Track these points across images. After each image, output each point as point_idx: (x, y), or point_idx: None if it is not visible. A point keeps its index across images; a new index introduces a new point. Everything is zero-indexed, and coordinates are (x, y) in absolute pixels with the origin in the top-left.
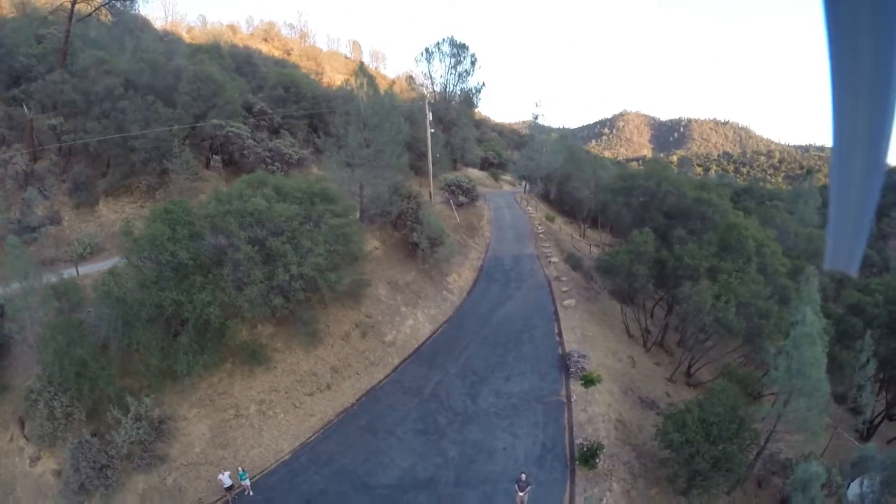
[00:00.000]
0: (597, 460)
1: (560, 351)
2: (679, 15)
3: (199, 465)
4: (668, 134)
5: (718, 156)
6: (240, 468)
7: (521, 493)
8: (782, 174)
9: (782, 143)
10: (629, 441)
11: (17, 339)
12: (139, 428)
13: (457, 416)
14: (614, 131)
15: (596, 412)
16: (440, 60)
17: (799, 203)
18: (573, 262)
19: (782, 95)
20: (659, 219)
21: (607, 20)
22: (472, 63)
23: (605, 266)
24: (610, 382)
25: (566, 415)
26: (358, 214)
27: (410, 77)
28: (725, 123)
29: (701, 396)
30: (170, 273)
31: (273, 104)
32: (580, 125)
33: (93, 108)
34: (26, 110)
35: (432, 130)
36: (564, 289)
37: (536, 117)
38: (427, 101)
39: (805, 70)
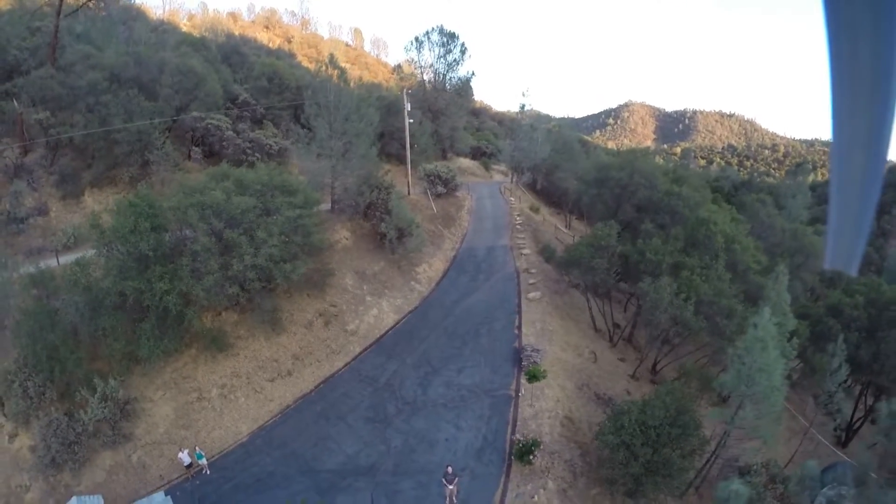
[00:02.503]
0: (531, 457)
1: (517, 344)
2: (685, 5)
3: (162, 445)
4: (673, 125)
5: (723, 148)
6: (196, 448)
7: (449, 486)
8: (786, 168)
9: (788, 136)
10: (575, 438)
11: None
12: (105, 408)
13: (406, 405)
14: (619, 122)
15: (543, 407)
16: (430, 50)
17: (788, 198)
18: (547, 254)
19: (788, 89)
20: (630, 211)
21: (614, 10)
22: (462, 52)
23: (566, 259)
24: (563, 378)
25: (512, 409)
26: (329, 205)
27: (399, 66)
28: (731, 116)
29: (647, 397)
30: (132, 263)
31: (257, 95)
32: (585, 115)
33: (78, 102)
34: (16, 105)
35: (411, 121)
36: (532, 281)
37: (524, 107)
38: (406, 91)
39: (811, 63)
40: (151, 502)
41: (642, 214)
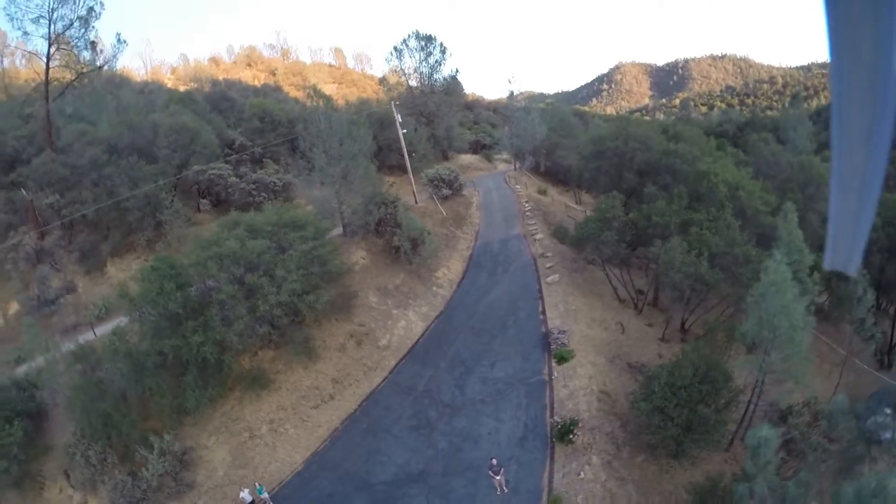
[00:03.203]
0: (571, 436)
1: (543, 329)
2: None
3: (223, 487)
4: (668, 78)
5: (721, 91)
6: (256, 484)
7: (497, 477)
8: (788, 98)
9: (784, 66)
10: (614, 411)
11: (51, 405)
12: (164, 462)
13: (446, 408)
14: (613, 85)
15: (577, 386)
16: (410, 56)
17: (790, 131)
18: (560, 234)
19: (775, 17)
20: (632, 178)
21: None
22: (443, 52)
23: (576, 238)
24: (593, 354)
25: (547, 393)
26: (341, 229)
27: (384, 78)
28: (723, 57)
29: (675, 359)
30: (165, 322)
31: (252, 136)
32: (579, 86)
33: (83, 179)
34: (25, 193)
35: (404, 131)
36: (549, 265)
37: (512, 94)
38: (394, 102)
39: None
40: None
41: (644, 179)
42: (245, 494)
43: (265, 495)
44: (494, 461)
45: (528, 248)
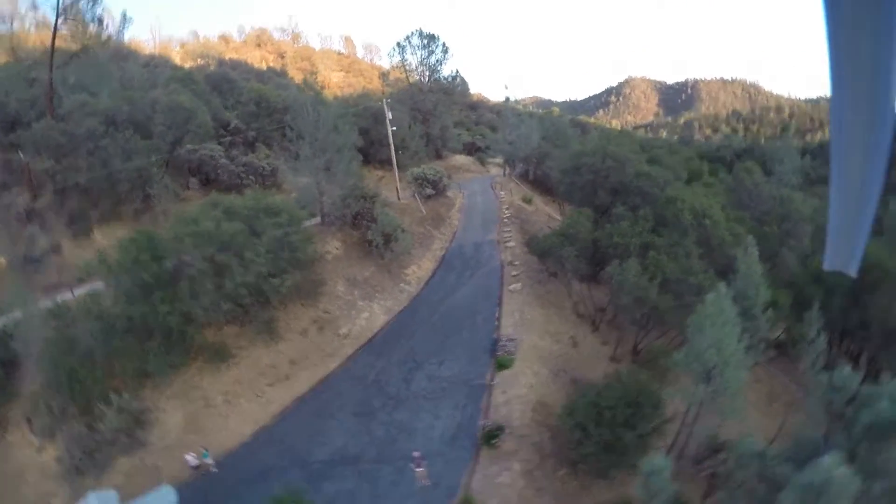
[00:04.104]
0: (495, 441)
1: (495, 335)
2: None
3: (174, 449)
4: (676, 97)
5: (728, 115)
6: (201, 449)
7: (418, 469)
8: (793, 129)
9: (792, 97)
10: (547, 422)
11: (23, 355)
12: (121, 418)
13: (390, 399)
14: (621, 98)
15: (514, 394)
16: (412, 53)
17: (776, 163)
18: (531, 245)
19: (788, 49)
20: (604, 196)
21: None
22: (444, 52)
23: (538, 250)
24: (538, 364)
25: (485, 397)
26: (319, 219)
27: (384, 73)
28: (733, 81)
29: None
30: (137, 290)
31: (247, 119)
32: (587, 95)
33: (79, 148)
34: (21, 156)
35: (394, 128)
36: (514, 273)
37: (508, 99)
38: (386, 100)
39: (809, 21)
40: (158, 492)
41: (616, 198)
42: (190, 458)
43: (209, 460)
44: (416, 454)
45: (499, 255)
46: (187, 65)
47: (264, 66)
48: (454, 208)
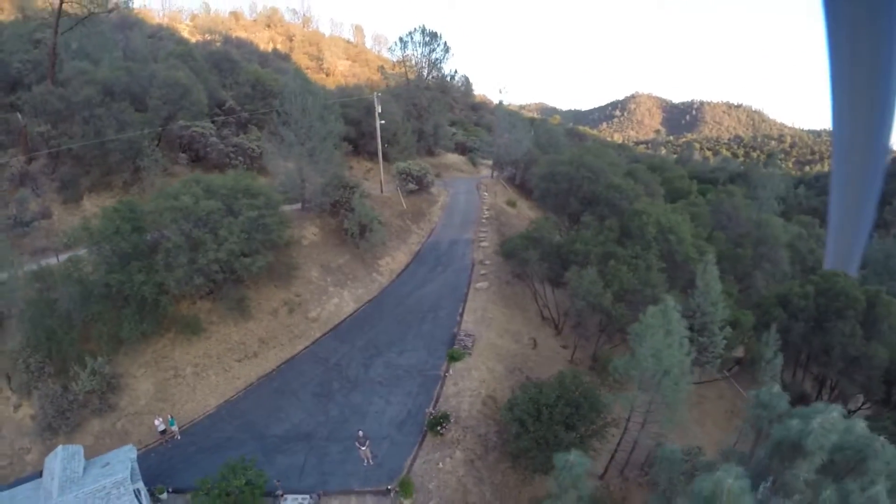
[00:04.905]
0: (440, 429)
1: (455, 330)
2: None
3: (143, 415)
4: (680, 117)
5: (729, 139)
6: (169, 416)
7: (362, 448)
8: (793, 159)
9: (795, 127)
10: (495, 417)
11: (6, 314)
12: (94, 381)
13: (348, 382)
14: (626, 113)
15: (466, 386)
16: (413, 49)
17: (759, 188)
18: (501, 246)
19: (796, 80)
20: (575, 205)
21: (621, 2)
22: (445, 51)
23: (504, 251)
24: (494, 361)
25: (438, 387)
26: (300, 205)
27: (381, 67)
28: (738, 107)
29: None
30: (116, 259)
31: (243, 101)
32: (592, 107)
33: (75, 115)
34: (20, 117)
35: (383, 122)
36: (483, 272)
37: (501, 102)
38: (377, 94)
39: (818, 54)
40: (120, 452)
41: (586, 207)
42: (159, 423)
43: (175, 427)
44: (361, 433)
45: (472, 254)
46: (194, 38)
47: (270, 48)
48: (436, 205)
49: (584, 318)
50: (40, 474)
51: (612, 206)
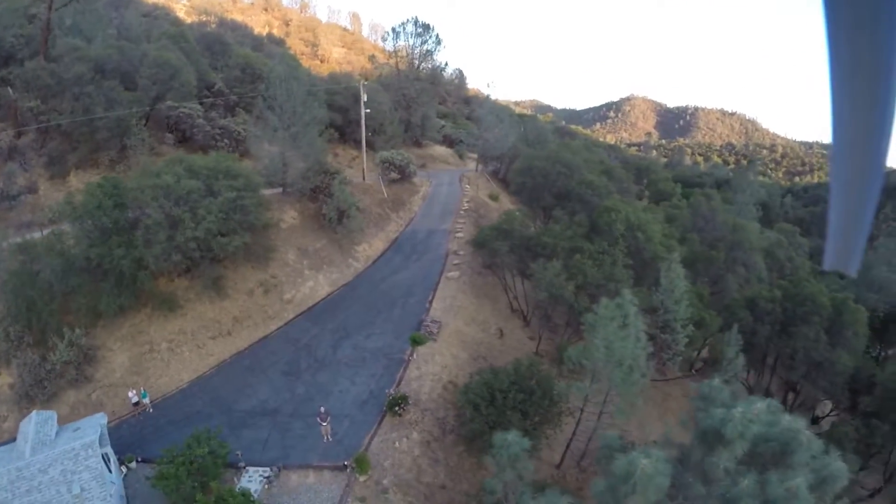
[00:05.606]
0: (398, 409)
1: (423, 316)
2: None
3: (117, 387)
4: (674, 121)
5: (721, 146)
6: (142, 389)
7: (323, 424)
8: (783, 169)
9: (788, 137)
10: (454, 401)
11: None
12: (71, 352)
13: (316, 362)
14: (620, 115)
15: (429, 371)
16: (405, 40)
17: (738, 193)
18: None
19: (791, 91)
20: (548, 199)
21: (620, 3)
22: (437, 43)
23: (475, 242)
24: (458, 348)
25: (401, 371)
26: (281, 189)
27: (373, 56)
28: (732, 114)
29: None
30: (97, 234)
31: (232, 84)
32: (587, 107)
33: (66, 91)
34: (11, 92)
35: (368, 110)
36: (455, 262)
37: (488, 97)
38: (362, 82)
39: (815, 65)
40: (92, 419)
41: (559, 202)
42: (132, 395)
43: (147, 400)
44: (322, 409)
45: (448, 244)
46: (190, 19)
47: (266, 32)
48: (418, 195)
49: (549, 310)
50: (15, 441)
51: (583, 202)
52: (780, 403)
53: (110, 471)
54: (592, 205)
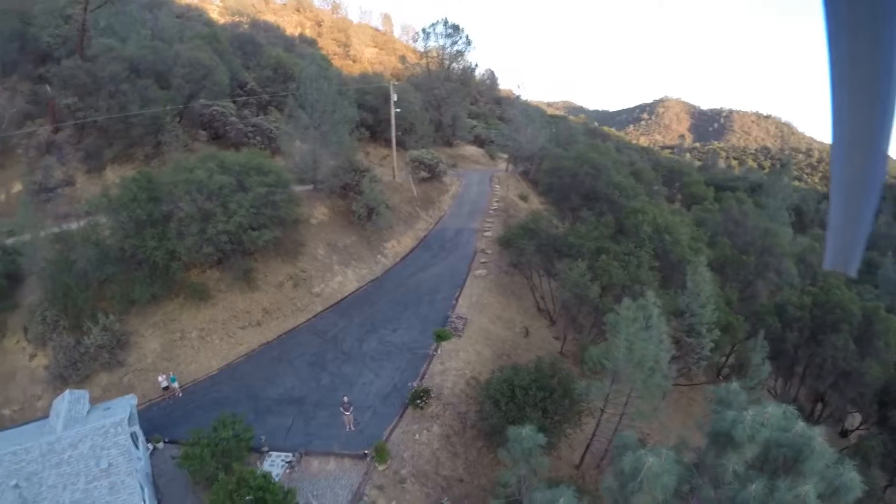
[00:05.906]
0: (420, 402)
1: (449, 313)
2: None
3: (148, 372)
4: (708, 124)
5: (756, 150)
6: (171, 373)
7: (346, 413)
8: (820, 174)
9: (824, 142)
10: (477, 397)
11: (27, 271)
12: (105, 336)
13: (342, 354)
14: (653, 117)
15: (452, 366)
16: (435, 40)
17: (770, 197)
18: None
19: (827, 94)
20: (576, 200)
21: (654, 5)
22: (467, 44)
23: (503, 240)
24: (482, 345)
25: (425, 365)
26: (312, 186)
27: (403, 57)
28: (768, 118)
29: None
30: (132, 225)
31: (264, 83)
32: (619, 109)
33: (102, 89)
34: (49, 89)
35: (398, 110)
36: (483, 260)
37: (518, 97)
38: (391, 83)
39: None
40: (122, 399)
41: (586, 202)
42: (162, 379)
43: (176, 385)
44: (346, 399)
45: (476, 242)
46: (223, 20)
47: (298, 33)
48: (447, 194)
49: (574, 310)
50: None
51: (610, 203)
52: (798, 411)
53: (137, 448)
54: (619, 206)
